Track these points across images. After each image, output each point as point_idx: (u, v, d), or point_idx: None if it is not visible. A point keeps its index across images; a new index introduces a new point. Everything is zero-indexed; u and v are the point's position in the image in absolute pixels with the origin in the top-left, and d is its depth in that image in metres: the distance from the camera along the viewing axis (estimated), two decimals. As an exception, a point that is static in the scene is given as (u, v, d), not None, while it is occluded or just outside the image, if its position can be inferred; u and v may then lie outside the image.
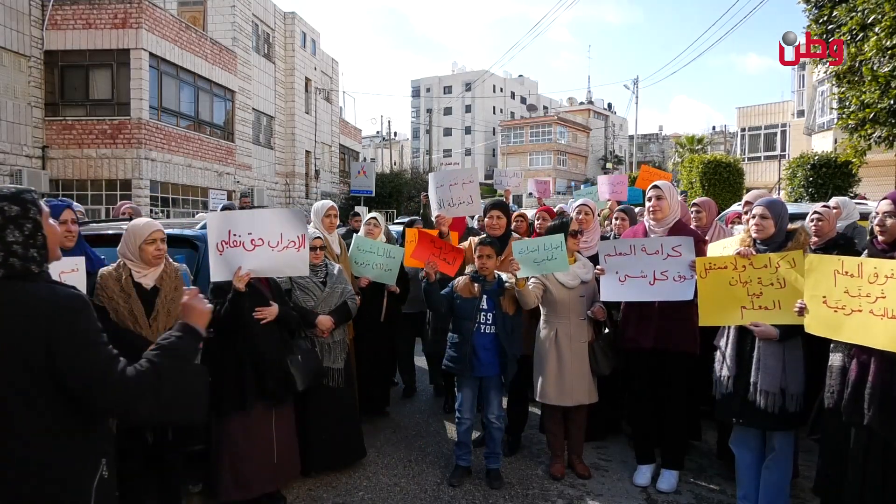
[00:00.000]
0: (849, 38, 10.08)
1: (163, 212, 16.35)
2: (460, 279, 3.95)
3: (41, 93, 15.19)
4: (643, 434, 3.97)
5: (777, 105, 27.12)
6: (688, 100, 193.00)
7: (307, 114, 26.93)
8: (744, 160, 24.76)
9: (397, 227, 7.62)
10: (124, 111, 15.47)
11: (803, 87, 23.41)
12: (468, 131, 61.25)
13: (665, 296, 3.59)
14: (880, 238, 2.81)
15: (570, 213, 5.00)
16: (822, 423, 2.94)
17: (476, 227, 5.73)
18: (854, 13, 9.77)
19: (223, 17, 20.76)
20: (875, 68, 9.58)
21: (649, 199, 3.79)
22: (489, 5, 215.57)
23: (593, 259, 3.97)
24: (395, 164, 43.07)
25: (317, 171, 27.55)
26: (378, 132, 52.04)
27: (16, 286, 1.66)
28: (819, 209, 4.23)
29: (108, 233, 4.07)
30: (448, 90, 62.93)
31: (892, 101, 9.53)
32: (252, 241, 3.41)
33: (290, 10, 25.52)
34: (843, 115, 10.91)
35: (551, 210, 5.53)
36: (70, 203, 3.35)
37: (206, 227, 3.48)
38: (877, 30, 9.33)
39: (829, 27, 10.68)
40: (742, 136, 28.22)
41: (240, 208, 11.63)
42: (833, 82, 11.57)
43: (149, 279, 3.14)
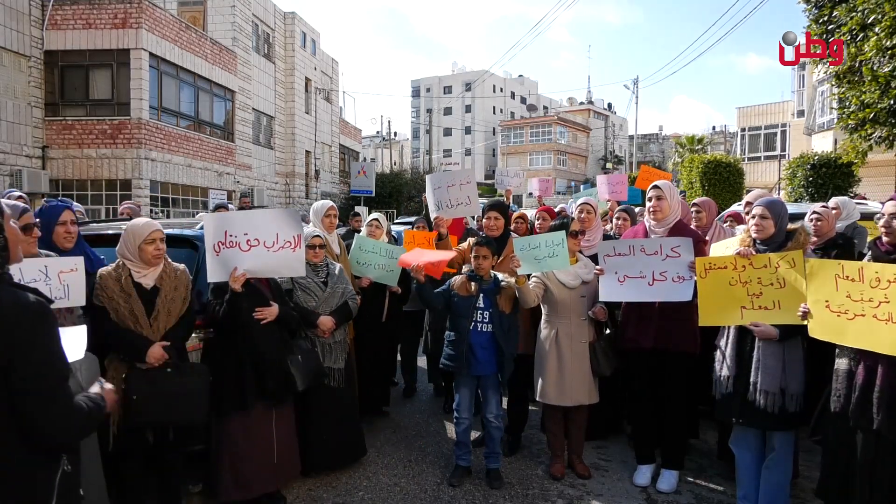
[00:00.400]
0: (849, 38, 10.08)
1: (163, 212, 16.35)
2: (457, 278, 3.95)
3: (41, 93, 15.19)
4: (643, 434, 3.97)
5: (777, 105, 27.13)
6: (688, 100, 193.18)
7: (307, 114, 26.93)
8: (744, 160, 24.78)
9: (397, 228, 7.62)
10: (124, 111, 15.47)
11: (803, 87, 23.42)
12: (468, 131, 61.24)
13: (664, 296, 3.59)
14: (885, 239, 2.79)
15: (572, 212, 5.00)
16: (825, 426, 2.92)
17: (475, 228, 5.74)
18: (854, 13, 9.77)
19: (223, 17, 20.76)
20: (875, 68, 9.58)
21: (649, 200, 3.79)
22: (489, 5, 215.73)
23: (595, 258, 3.97)
24: (395, 164, 43.07)
25: (317, 171, 27.55)
26: (378, 132, 52.06)
27: None
28: (818, 209, 4.23)
29: (108, 233, 4.07)
30: (448, 90, 62.92)
31: (892, 101, 9.53)
32: (248, 241, 3.41)
33: (290, 10, 25.53)
34: (843, 115, 10.91)
35: (551, 210, 5.52)
36: (69, 203, 3.35)
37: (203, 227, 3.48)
38: (877, 30, 9.33)
39: (829, 27, 10.68)
40: (742, 136, 28.23)
41: (240, 208, 11.63)
42: (833, 82, 11.57)
43: (148, 279, 3.14)
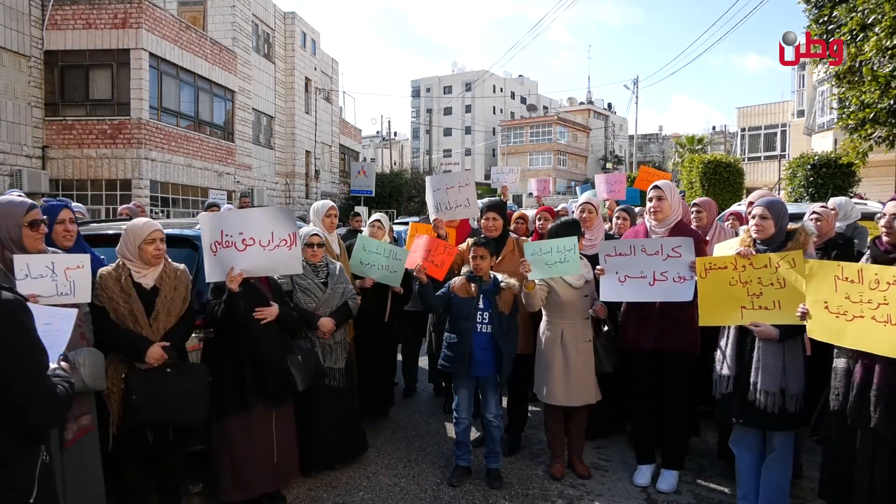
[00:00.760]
0: (849, 38, 10.07)
1: (163, 212, 16.35)
2: (457, 279, 3.95)
3: (41, 93, 15.19)
4: (643, 434, 3.97)
5: (777, 105, 27.13)
6: (687, 100, 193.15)
7: (307, 114, 26.93)
8: (744, 160, 24.78)
9: (397, 228, 7.62)
10: (124, 111, 15.47)
11: (803, 87, 23.43)
12: (468, 131, 61.24)
13: (664, 296, 3.58)
14: (885, 239, 2.79)
15: (573, 212, 4.99)
16: (825, 425, 2.92)
17: (478, 229, 5.73)
18: (854, 13, 9.77)
19: (223, 17, 20.76)
20: (875, 68, 9.57)
21: (650, 200, 3.78)
22: (489, 5, 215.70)
23: (596, 258, 3.96)
24: (395, 164, 43.07)
25: (317, 171, 27.55)
26: (378, 132, 52.05)
27: None
28: (817, 209, 4.24)
29: (108, 233, 4.06)
30: (448, 90, 62.92)
31: (892, 101, 9.52)
32: (244, 240, 3.41)
33: (290, 10, 25.53)
34: (843, 115, 10.90)
35: (552, 210, 5.52)
36: (67, 202, 3.35)
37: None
38: (877, 30, 9.32)
39: (829, 27, 10.67)
40: (742, 136, 28.23)
41: (239, 208, 11.62)
42: (833, 82, 11.56)
43: (148, 279, 3.14)
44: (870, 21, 9.50)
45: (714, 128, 55.35)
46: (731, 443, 3.50)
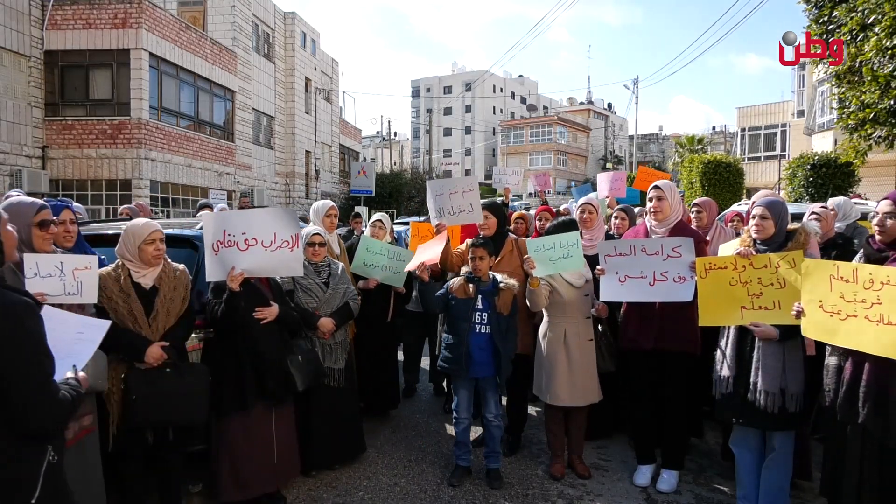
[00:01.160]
0: (849, 38, 10.07)
1: (163, 212, 16.35)
2: (455, 280, 3.95)
3: (41, 93, 15.19)
4: (643, 434, 3.97)
5: (777, 105, 27.14)
6: (687, 100, 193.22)
7: (307, 114, 26.93)
8: (744, 160, 24.79)
9: (397, 228, 7.63)
10: (124, 111, 15.47)
11: (803, 87, 23.43)
12: (468, 131, 61.25)
13: (665, 297, 3.58)
14: (878, 238, 2.80)
15: (573, 212, 4.99)
16: (825, 423, 2.94)
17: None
18: (854, 13, 9.77)
19: (223, 17, 20.76)
20: (875, 68, 9.57)
21: (650, 200, 3.78)
22: (489, 5, 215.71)
23: (596, 258, 3.96)
24: (395, 164, 43.08)
25: (317, 171, 27.55)
26: (378, 132, 52.06)
27: None
28: (817, 210, 4.25)
29: (108, 233, 4.06)
30: (448, 90, 62.94)
31: (892, 101, 9.52)
32: (246, 241, 3.41)
33: (290, 10, 25.54)
34: (843, 115, 10.91)
35: (552, 210, 5.53)
36: (68, 203, 3.35)
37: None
38: (877, 30, 9.32)
39: (829, 27, 10.67)
40: (742, 136, 28.24)
41: (239, 208, 11.63)
42: (833, 82, 11.56)
43: (148, 279, 3.14)
44: (870, 21, 9.50)
45: (714, 128, 55.44)
46: (731, 443, 3.50)
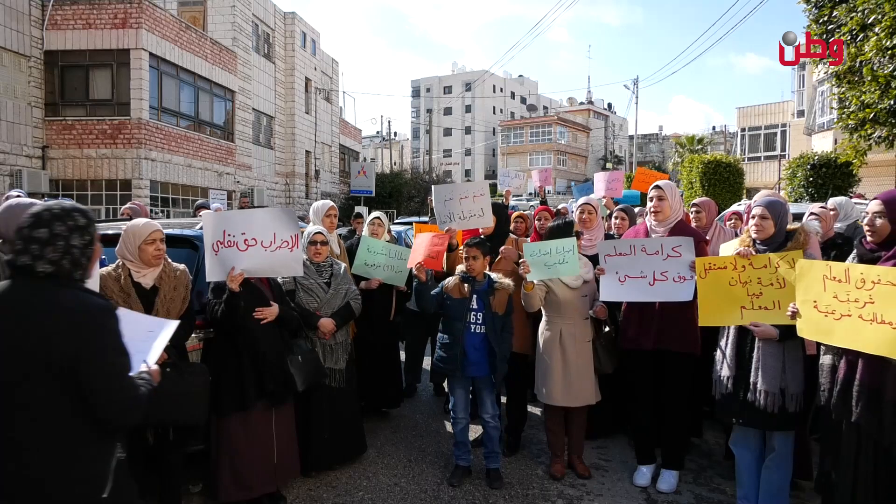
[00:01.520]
0: (849, 38, 10.07)
1: (163, 212, 16.35)
2: (450, 280, 3.94)
3: (41, 93, 15.19)
4: (643, 434, 3.97)
5: (777, 105, 27.13)
6: (687, 100, 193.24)
7: (307, 114, 26.93)
8: (744, 160, 24.77)
9: (397, 228, 7.63)
10: (124, 111, 15.47)
11: (803, 87, 23.42)
12: (468, 131, 61.24)
13: (665, 296, 3.58)
14: (869, 238, 2.81)
15: (573, 212, 4.98)
16: (822, 422, 2.94)
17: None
18: (854, 13, 9.76)
19: (223, 17, 20.76)
20: (875, 68, 9.56)
21: (650, 199, 3.78)
22: (489, 5, 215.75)
23: (596, 259, 3.96)
24: (395, 164, 43.09)
25: (317, 171, 27.55)
26: (378, 132, 52.07)
27: (53, 289, 1.82)
28: (816, 210, 4.25)
29: (108, 233, 4.06)
30: (448, 90, 62.93)
31: (892, 101, 9.51)
32: (245, 241, 3.41)
33: (290, 10, 25.55)
34: (843, 115, 10.89)
35: (551, 210, 5.52)
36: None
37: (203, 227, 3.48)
38: (877, 30, 9.31)
39: (829, 27, 10.66)
40: (742, 136, 28.24)
41: (239, 209, 11.63)
42: (833, 82, 11.55)
43: (148, 279, 3.14)
44: (870, 21, 9.49)
45: (714, 128, 55.47)
46: (731, 443, 3.50)
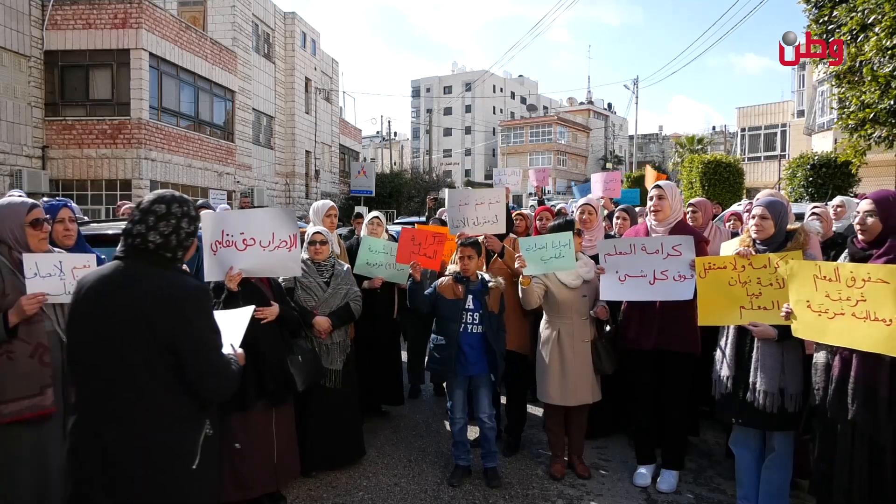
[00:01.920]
0: (849, 38, 10.06)
1: (163, 212, 16.32)
2: (442, 280, 3.94)
3: (41, 93, 15.18)
4: (643, 434, 3.97)
5: (777, 105, 27.12)
6: (687, 100, 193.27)
7: (307, 114, 26.93)
8: (744, 160, 24.76)
9: (397, 227, 7.62)
10: (124, 111, 15.47)
11: (803, 87, 23.42)
12: (468, 131, 61.22)
13: (665, 295, 3.58)
14: (861, 237, 2.81)
15: (572, 212, 4.99)
16: (816, 422, 2.93)
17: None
18: (854, 13, 9.76)
19: (223, 17, 20.75)
20: (875, 68, 9.56)
21: (651, 199, 3.79)
22: (489, 5, 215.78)
23: (597, 259, 3.97)
24: (395, 164, 43.07)
25: (317, 171, 27.55)
26: (378, 132, 52.05)
27: (157, 270, 1.98)
28: (816, 210, 4.25)
29: (108, 233, 4.06)
30: (448, 90, 62.89)
31: (892, 101, 9.51)
32: (244, 240, 3.41)
33: (290, 10, 25.55)
34: (843, 115, 10.89)
35: (551, 210, 5.53)
36: (67, 202, 3.36)
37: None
38: (877, 30, 9.31)
39: (829, 27, 10.65)
40: (742, 136, 28.23)
41: (239, 209, 11.63)
42: (833, 82, 11.55)
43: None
44: (870, 21, 9.49)
45: (714, 128, 55.39)
46: (731, 443, 3.50)
